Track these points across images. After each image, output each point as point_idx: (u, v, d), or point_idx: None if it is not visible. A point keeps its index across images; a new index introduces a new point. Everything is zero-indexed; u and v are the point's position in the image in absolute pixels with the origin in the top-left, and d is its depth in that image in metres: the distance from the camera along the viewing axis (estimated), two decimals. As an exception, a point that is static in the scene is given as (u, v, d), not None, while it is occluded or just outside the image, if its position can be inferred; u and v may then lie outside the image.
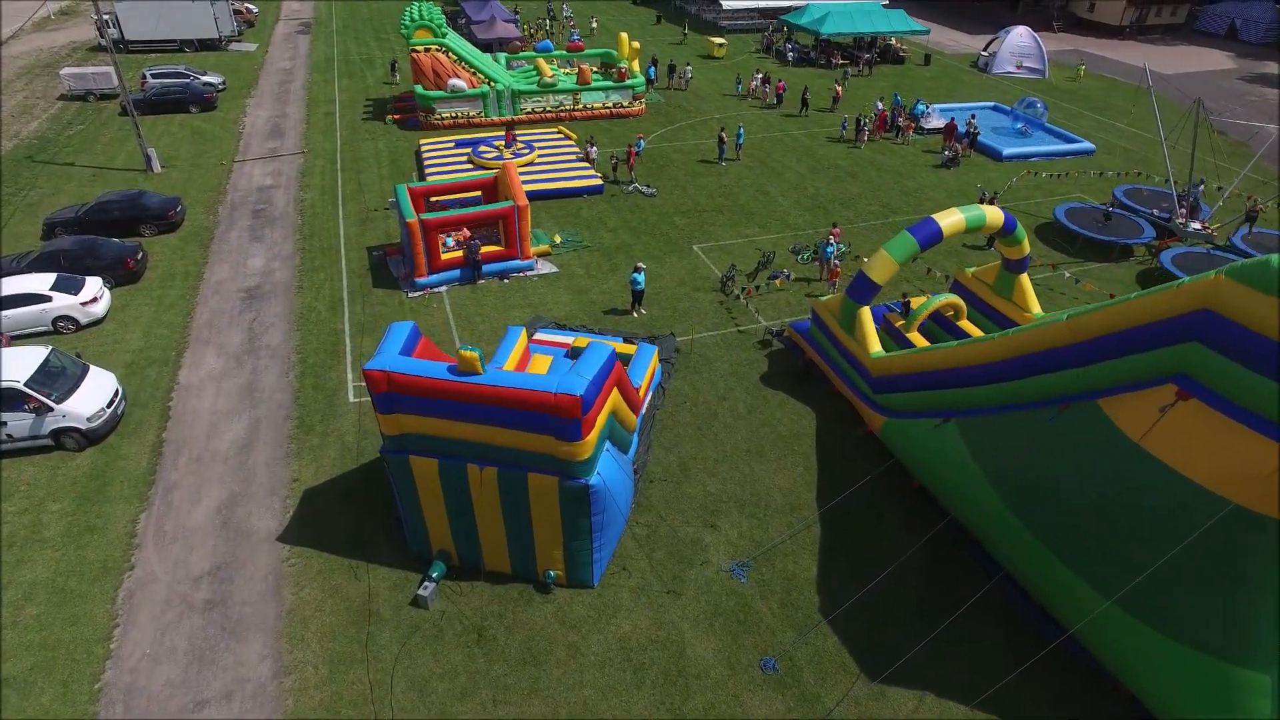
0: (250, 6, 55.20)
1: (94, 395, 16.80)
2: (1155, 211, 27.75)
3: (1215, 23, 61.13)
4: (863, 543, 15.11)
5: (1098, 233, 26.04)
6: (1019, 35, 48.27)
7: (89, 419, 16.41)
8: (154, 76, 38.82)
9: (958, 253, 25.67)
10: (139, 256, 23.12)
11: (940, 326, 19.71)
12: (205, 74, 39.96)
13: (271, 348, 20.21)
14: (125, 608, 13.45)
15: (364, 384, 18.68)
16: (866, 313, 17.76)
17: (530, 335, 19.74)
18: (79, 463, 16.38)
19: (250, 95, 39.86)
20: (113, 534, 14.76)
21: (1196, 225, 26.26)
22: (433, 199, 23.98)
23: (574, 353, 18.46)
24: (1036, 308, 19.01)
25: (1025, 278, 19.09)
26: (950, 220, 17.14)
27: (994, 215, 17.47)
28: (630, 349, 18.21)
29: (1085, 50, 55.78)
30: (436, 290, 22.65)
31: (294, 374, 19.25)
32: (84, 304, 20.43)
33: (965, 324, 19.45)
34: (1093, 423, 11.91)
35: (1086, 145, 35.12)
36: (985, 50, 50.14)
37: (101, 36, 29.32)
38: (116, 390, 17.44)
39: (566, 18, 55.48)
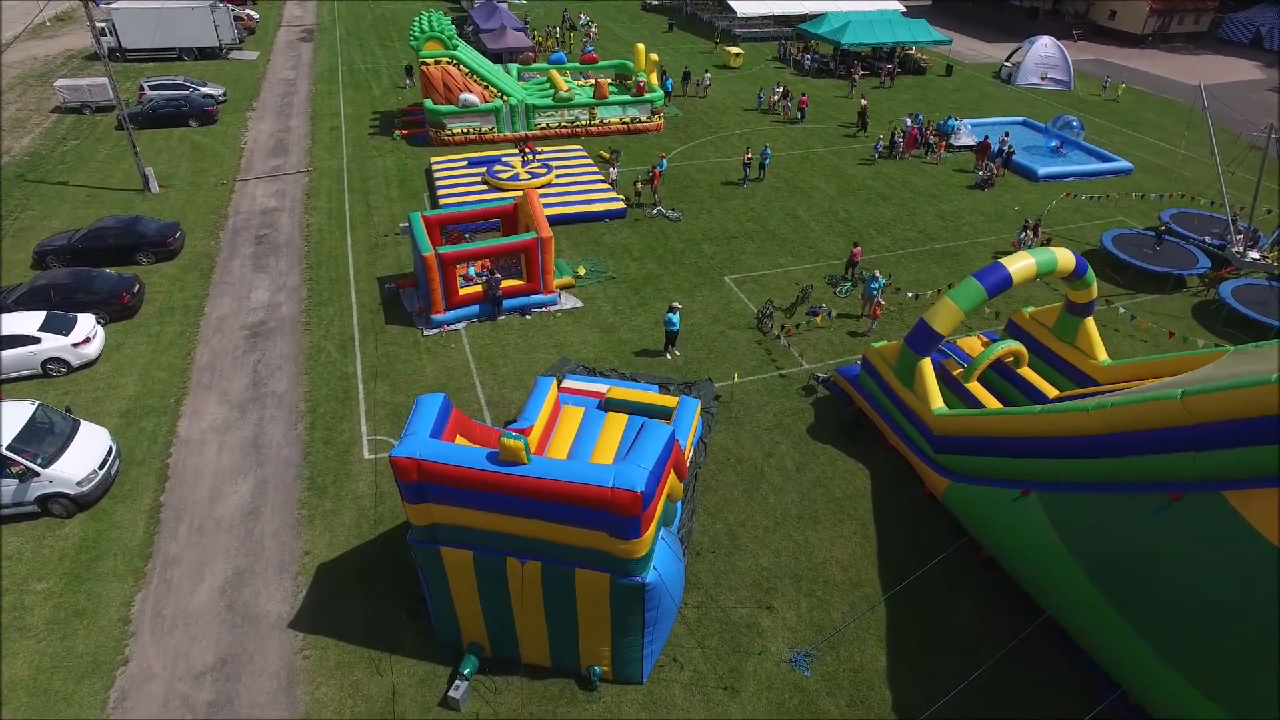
0: (251, 13, 53.65)
1: (85, 456, 15.31)
2: (1207, 238, 26.39)
3: (1239, 31, 59.85)
4: (934, 626, 13.69)
5: (1151, 262, 24.65)
6: (1043, 45, 46.95)
7: (79, 483, 14.93)
8: (152, 88, 37.29)
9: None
10: (135, 289, 21.62)
11: (998, 374, 18.32)
12: (205, 85, 38.43)
13: (278, 394, 18.74)
14: (117, 712, 11.97)
15: (379, 438, 17.45)
16: (928, 365, 16.34)
17: (559, 382, 18.32)
18: (68, 532, 14.90)
19: (252, 108, 38.36)
20: (104, 620, 13.29)
21: (1255, 255, 24.88)
22: (449, 228, 22.57)
23: (607, 404, 17.06)
24: (1103, 354, 17.63)
25: (1091, 322, 17.71)
26: (1020, 265, 15.78)
27: (1065, 258, 16.12)
28: (670, 401, 16.78)
29: (1107, 60, 54.45)
30: (454, 328, 21.20)
31: (303, 425, 17.79)
32: (75, 345, 18.94)
33: (1025, 371, 18.09)
34: (1218, 518, 10.48)
35: (1124, 164, 33.75)
36: (1008, 60, 48.80)
37: (98, 46, 27.76)
38: (110, 448, 15.95)
39: (584, 25, 53.55)
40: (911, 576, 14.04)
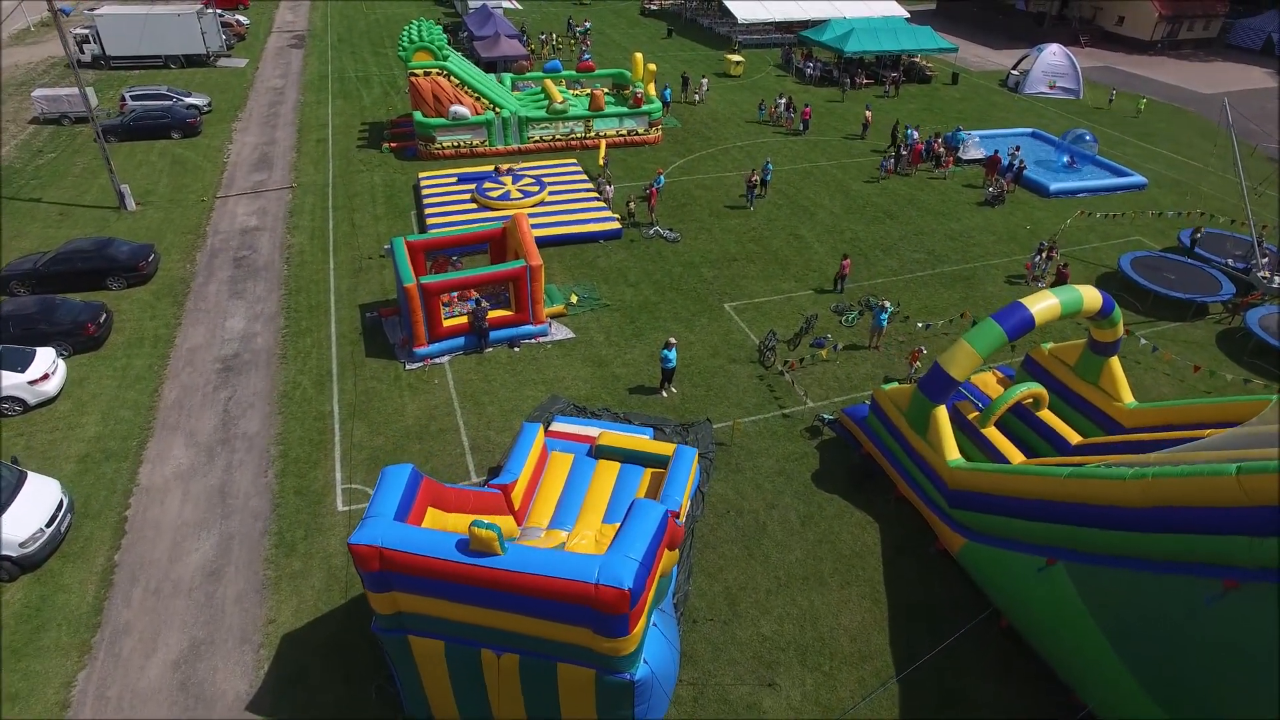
0: (241, 19, 52.46)
1: (30, 514, 14.11)
2: (1230, 261, 25.22)
3: (1250, 37, 58.63)
4: (952, 708, 12.53)
5: (1172, 288, 23.44)
6: (1052, 53, 45.77)
7: (22, 544, 13.77)
8: (133, 98, 36.17)
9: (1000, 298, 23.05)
10: (102, 319, 20.44)
11: (1017, 416, 17.16)
12: (189, 95, 37.27)
13: (248, 436, 17.57)
14: (53, 814, 10.86)
15: (355, 486, 16.30)
16: (943, 413, 15.18)
17: (547, 426, 17.17)
18: (8, 598, 13.69)
19: (237, 118, 37.18)
20: (39, 705, 12.09)
21: (1282, 280, 23.73)
22: (434, 253, 21.43)
23: (598, 452, 15.91)
24: (1128, 395, 16.52)
25: (1116, 361, 16.62)
26: (1043, 306, 14.68)
27: (1091, 298, 15.01)
28: (665, 449, 15.61)
29: (1115, 67, 53.30)
30: (438, 361, 20.04)
31: (273, 472, 16.62)
32: (32, 383, 17.76)
33: (1045, 414, 16.93)
34: (1280, 614, 9.35)
35: (1138, 179, 32.58)
36: (1015, 68, 47.61)
37: (68, 55, 26.65)
38: (60, 502, 14.77)
39: (582, 33, 52.10)
40: (926, 656, 12.88)
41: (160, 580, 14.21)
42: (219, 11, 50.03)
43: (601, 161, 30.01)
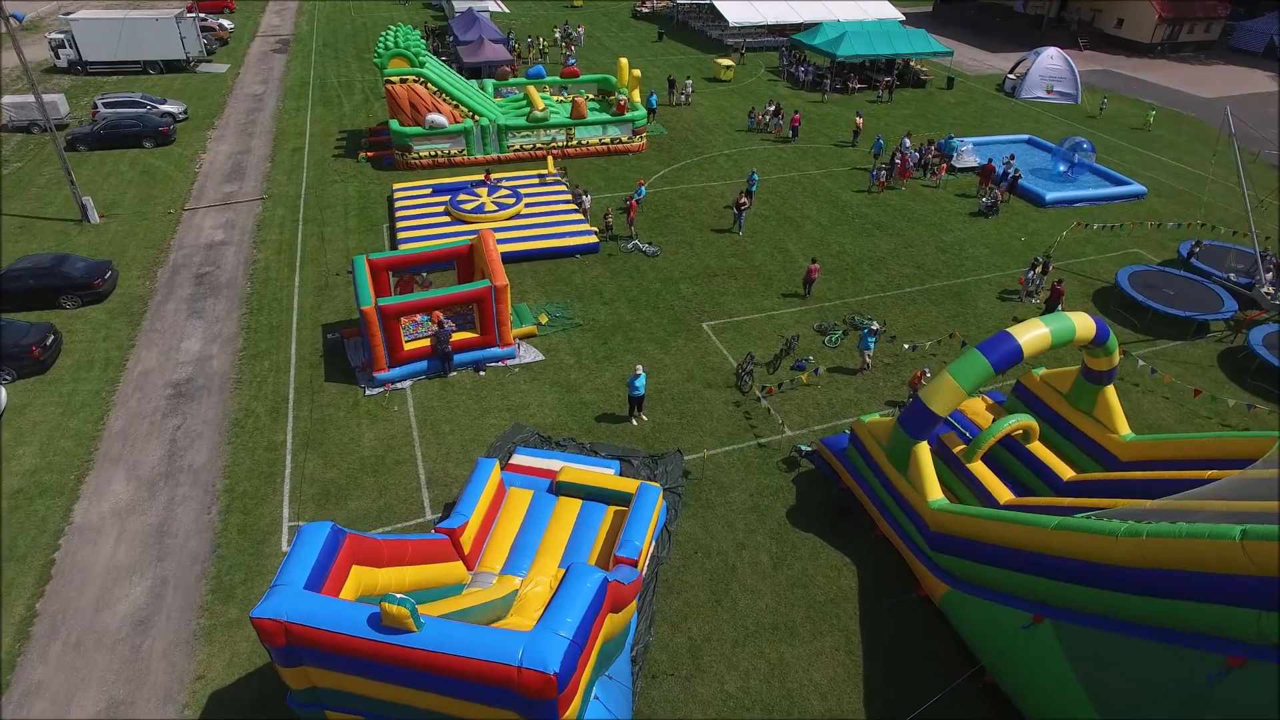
0: (225, 23, 51.60)
1: (-53, 560, 13.26)
2: (1231, 275, 24.21)
3: (1252, 40, 57.57)
4: (931, 777, 11.59)
5: (1172, 305, 22.43)
6: (1049, 57, 44.78)
7: (-63, 594, 12.89)
8: (107, 105, 35.27)
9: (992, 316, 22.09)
10: (49, 342, 19.52)
11: (1005, 448, 16.19)
12: (164, 102, 36.37)
13: (194, 469, 16.64)
14: None
15: (302, 524, 15.34)
16: (924, 451, 14.20)
17: (506, 459, 16.26)
18: (-79, 653, 12.84)
19: (213, 126, 36.26)
20: (-56, 774, 11.24)
21: (1286, 297, 22.74)
22: (399, 271, 20.50)
23: (559, 488, 14.99)
24: (1125, 427, 15.57)
25: (1111, 390, 15.65)
26: (1032, 336, 13.72)
27: (1084, 326, 14.07)
28: (628, 486, 14.67)
29: (1115, 70, 52.28)
30: (399, 386, 19.09)
31: (217, 508, 15.68)
32: (-32, 413, 16.93)
33: (1036, 446, 15.97)
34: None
35: (1137, 188, 31.58)
36: (1012, 72, 46.63)
37: (21, 62, 25.79)
38: (-18, 546, 13.91)
39: (564, 37, 51.05)
40: (909, 718, 11.90)
41: (83, 632, 13.27)
42: (202, 15, 49.26)
43: (551, 168, 29.64)
